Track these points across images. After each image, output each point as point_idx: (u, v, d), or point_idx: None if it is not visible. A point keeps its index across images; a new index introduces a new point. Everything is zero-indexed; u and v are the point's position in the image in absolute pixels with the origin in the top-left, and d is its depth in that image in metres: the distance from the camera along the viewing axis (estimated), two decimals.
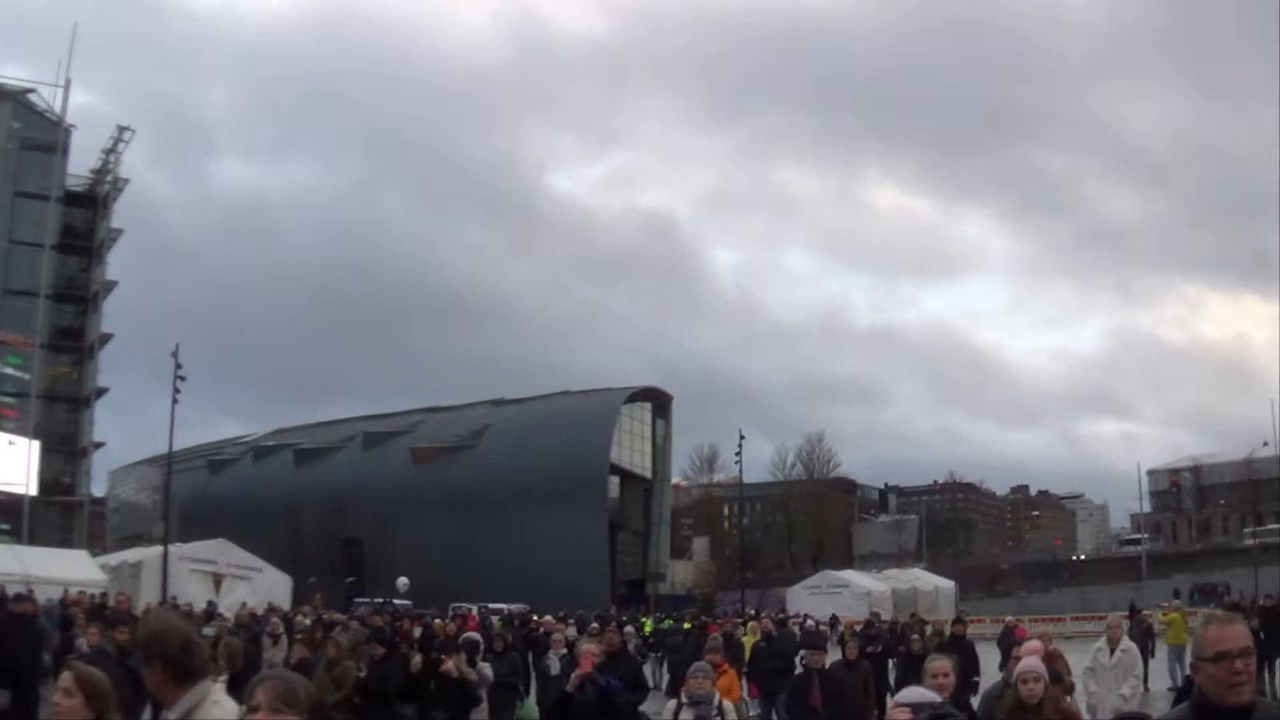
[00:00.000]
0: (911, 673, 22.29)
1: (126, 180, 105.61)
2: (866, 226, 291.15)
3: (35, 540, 77.57)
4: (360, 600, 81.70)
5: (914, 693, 7.11)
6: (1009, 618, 49.23)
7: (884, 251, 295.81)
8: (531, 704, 25.80)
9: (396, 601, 74.69)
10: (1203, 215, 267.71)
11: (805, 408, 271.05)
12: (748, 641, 33.81)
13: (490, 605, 77.94)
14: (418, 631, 38.94)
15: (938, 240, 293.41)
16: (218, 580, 65.74)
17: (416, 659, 20.52)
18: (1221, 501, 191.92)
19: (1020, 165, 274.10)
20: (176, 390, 74.80)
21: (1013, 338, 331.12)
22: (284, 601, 63.74)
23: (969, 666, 22.12)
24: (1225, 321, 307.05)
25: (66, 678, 6.85)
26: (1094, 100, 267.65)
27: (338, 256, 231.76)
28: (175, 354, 74.45)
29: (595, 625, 38.01)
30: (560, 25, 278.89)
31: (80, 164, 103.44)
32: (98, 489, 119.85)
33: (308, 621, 38.42)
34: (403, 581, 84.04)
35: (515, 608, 76.11)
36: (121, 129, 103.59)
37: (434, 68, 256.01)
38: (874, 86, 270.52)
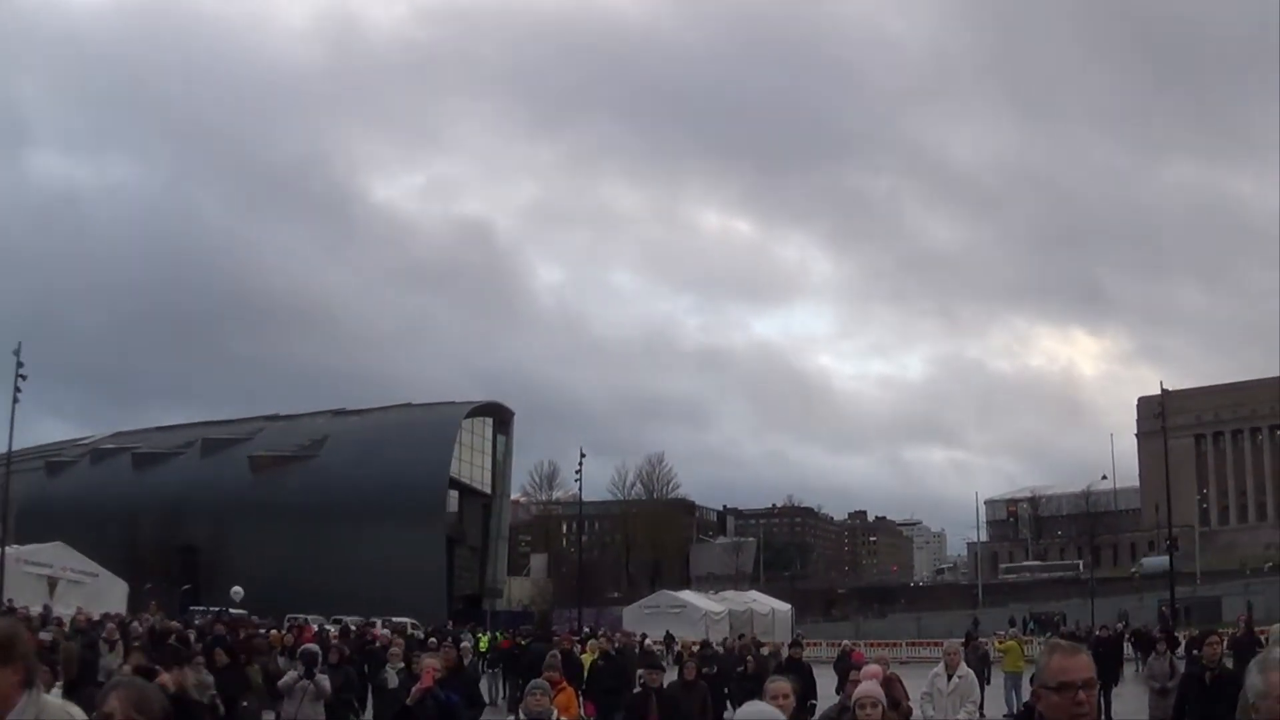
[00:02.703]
0: (746, 694, 22.40)
1: None
2: (690, 246, 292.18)
3: None
4: (196, 608, 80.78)
5: (757, 707, 7.11)
6: (846, 641, 49.69)
7: (708, 272, 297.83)
8: (367, 719, 25.65)
9: (232, 611, 73.84)
10: (1029, 245, 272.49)
11: (632, 427, 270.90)
12: (586, 660, 33.76)
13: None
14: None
15: (761, 263, 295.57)
16: (53, 584, 64.78)
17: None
18: (1059, 532, 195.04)
19: (842, 188, 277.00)
20: (17, 389, 73.77)
21: (839, 363, 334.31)
22: (119, 607, 62.94)
23: (806, 689, 22.28)
24: (1053, 353, 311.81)
25: None
26: (917, 125, 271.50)
27: (155, 255, 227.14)
28: (17, 352, 73.45)
29: (433, 640, 37.85)
30: (377, 30, 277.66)
31: None
32: None
33: (143, 629, 37.94)
34: (237, 590, 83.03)
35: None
36: None
37: (250, 66, 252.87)
38: (695, 104, 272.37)
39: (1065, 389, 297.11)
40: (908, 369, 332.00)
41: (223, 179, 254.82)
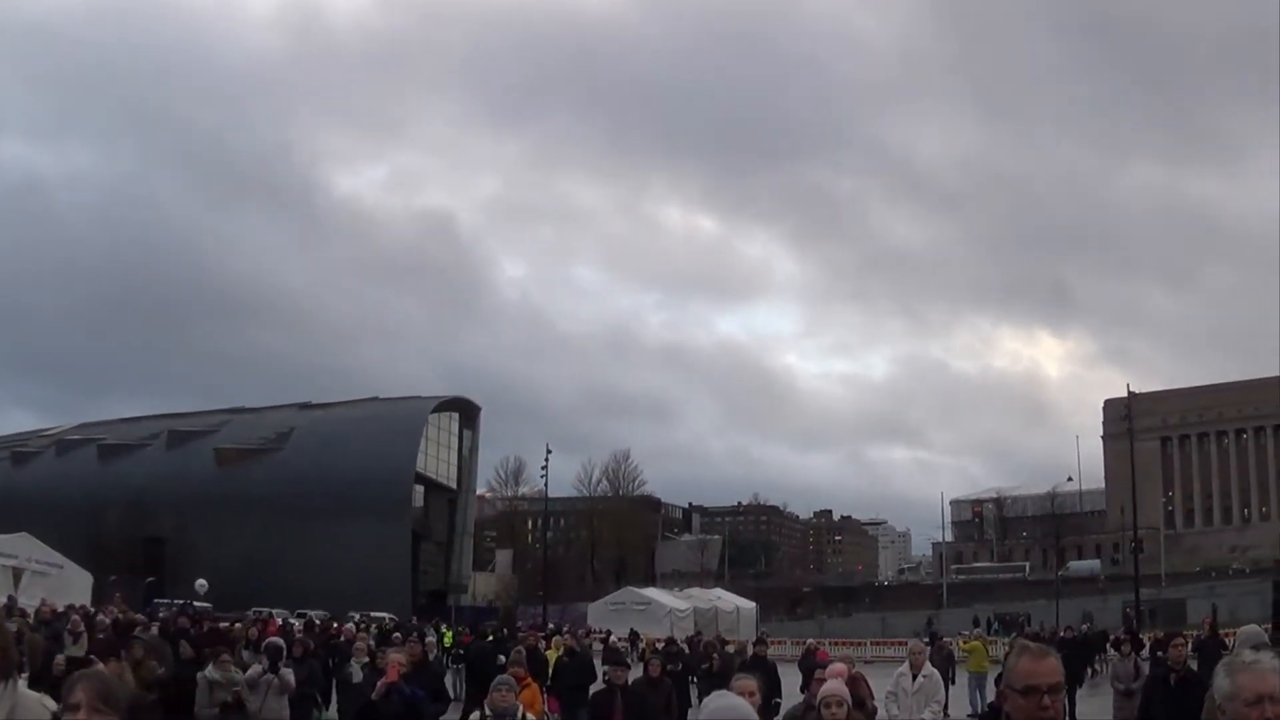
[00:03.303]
0: (711, 691, 22.35)
1: None
2: (654, 243, 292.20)
3: None
4: (160, 601, 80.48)
5: (727, 697, 7.04)
6: (810, 640, 49.65)
7: (672, 269, 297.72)
8: (331, 714, 25.53)
9: (196, 604, 73.58)
10: (994, 246, 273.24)
11: (597, 423, 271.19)
12: (551, 656, 33.72)
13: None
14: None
15: (725, 260, 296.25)
16: (18, 575, 64.39)
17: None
18: (1024, 533, 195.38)
19: (806, 187, 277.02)
20: None
21: (804, 361, 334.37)
22: (84, 599, 62.59)
23: (771, 687, 22.28)
24: (1017, 355, 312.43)
25: None
26: (883, 123, 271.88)
27: (119, 245, 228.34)
28: None
29: (398, 635, 37.75)
30: (340, 20, 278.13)
31: None
32: None
33: (108, 621, 37.78)
34: (201, 583, 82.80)
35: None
36: None
37: (214, 55, 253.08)
38: (659, 99, 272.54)
39: (1029, 390, 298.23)
40: (872, 368, 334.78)
41: (186, 168, 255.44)
